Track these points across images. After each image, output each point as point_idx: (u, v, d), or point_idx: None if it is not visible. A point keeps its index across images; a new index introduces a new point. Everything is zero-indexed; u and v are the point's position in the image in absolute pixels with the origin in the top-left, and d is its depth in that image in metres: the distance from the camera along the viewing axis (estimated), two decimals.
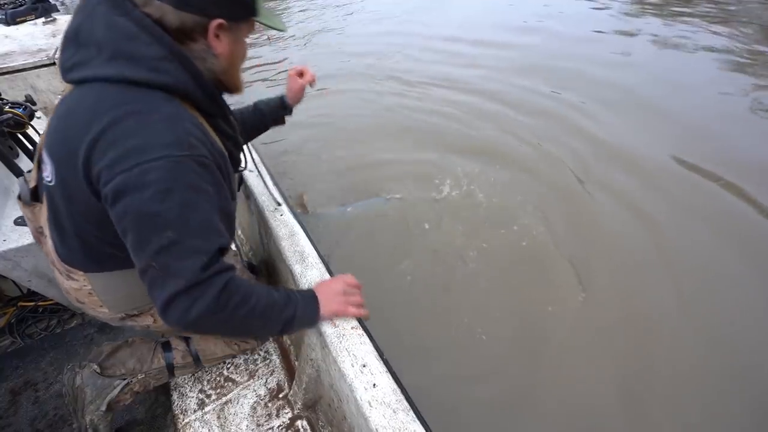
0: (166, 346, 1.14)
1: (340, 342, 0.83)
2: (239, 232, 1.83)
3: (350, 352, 0.81)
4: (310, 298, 0.88)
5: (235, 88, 0.83)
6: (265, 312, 0.80)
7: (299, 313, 0.84)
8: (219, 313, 0.73)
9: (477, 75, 4.32)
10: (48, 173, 0.74)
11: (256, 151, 1.53)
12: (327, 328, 0.86)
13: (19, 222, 1.30)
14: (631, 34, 5.26)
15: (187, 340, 1.16)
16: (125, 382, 1.04)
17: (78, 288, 0.87)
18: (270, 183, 1.33)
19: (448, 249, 2.22)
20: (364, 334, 0.85)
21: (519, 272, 2.07)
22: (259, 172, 1.41)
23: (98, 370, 1.02)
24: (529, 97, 3.81)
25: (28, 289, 1.45)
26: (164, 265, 0.68)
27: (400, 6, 7.25)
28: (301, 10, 7.34)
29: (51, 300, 1.45)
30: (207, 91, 0.75)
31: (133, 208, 0.65)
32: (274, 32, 5.87)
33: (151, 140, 0.64)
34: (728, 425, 1.48)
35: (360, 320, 0.88)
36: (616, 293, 1.96)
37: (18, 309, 1.47)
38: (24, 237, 1.25)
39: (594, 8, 6.46)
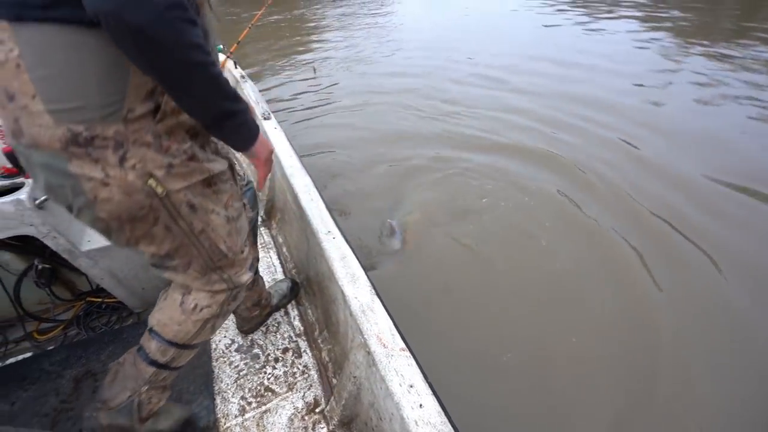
0: (140, 350, 1.02)
1: (389, 362, 0.90)
2: (284, 250, 1.95)
3: (398, 372, 0.87)
4: (256, 124, 0.83)
5: None
6: (218, 82, 0.69)
7: (247, 120, 0.78)
8: (178, 20, 0.59)
9: (521, 99, 4.59)
10: None
11: (310, 176, 1.67)
12: (376, 348, 0.93)
13: None
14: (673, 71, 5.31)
15: (150, 333, 1.02)
16: (136, 401, 1.00)
17: (4, 60, 0.63)
18: (323, 207, 1.44)
19: (485, 270, 2.30)
20: (411, 356, 0.92)
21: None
22: (312, 196, 1.53)
23: (106, 408, 0.99)
24: (569, 120, 4.03)
25: (97, 285, 1.60)
26: None
27: (441, 36, 7.60)
28: (341, 41, 7.78)
29: (115, 298, 1.59)
30: None
31: None
32: (317, 62, 6.33)
33: None
34: None
35: (407, 344, 0.94)
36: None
37: (86, 303, 1.61)
38: (104, 240, 1.41)
39: (638, 47, 6.55)
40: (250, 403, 1.32)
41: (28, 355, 1.49)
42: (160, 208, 0.79)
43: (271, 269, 1.83)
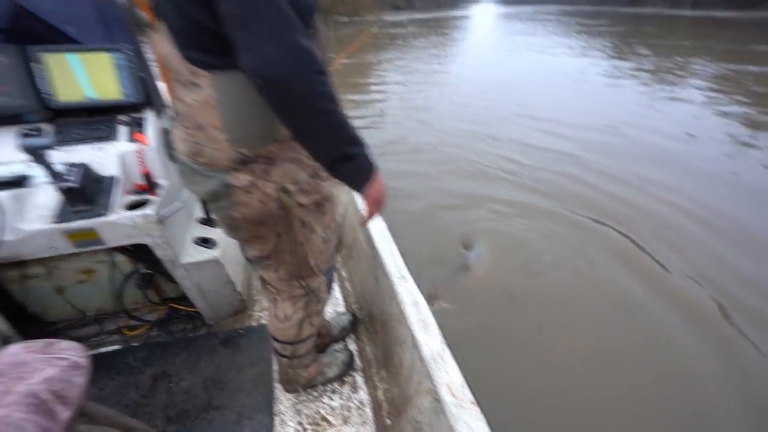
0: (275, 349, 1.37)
1: (460, 413, 0.93)
2: (347, 285, 2.05)
3: (468, 425, 0.91)
4: (373, 166, 0.86)
5: None
6: (339, 128, 0.76)
7: (361, 165, 0.82)
8: (306, 74, 0.67)
9: (589, 159, 4.62)
10: None
11: (385, 221, 1.78)
12: (446, 397, 0.97)
13: (197, 242, 1.64)
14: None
15: (272, 338, 1.32)
16: (293, 376, 1.44)
17: (200, 100, 0.79)
18: (396, 252, 1.53)
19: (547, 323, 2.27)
20: (480, 411, 0.95)
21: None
22: (387, 240, 1.63)
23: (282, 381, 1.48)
24: (639, 183, 3.99)
25: (182, 294, 1.77)
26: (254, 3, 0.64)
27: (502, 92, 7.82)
28: (408, 89, 8.18)
29: (194, 308, 1.75)
30: None
31: None
32: (384, 106, 6.72)
33: None
34: None
35: (476, 397, 0.98)
36: None
37: (169, 309, 1.79)
38: (199, 255, 1.58)
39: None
40: (306, 429, 1.38)
41: (117, 347, 1.67)
42: (281, 218, 0.95)
43: (333, 301, 1.93)
